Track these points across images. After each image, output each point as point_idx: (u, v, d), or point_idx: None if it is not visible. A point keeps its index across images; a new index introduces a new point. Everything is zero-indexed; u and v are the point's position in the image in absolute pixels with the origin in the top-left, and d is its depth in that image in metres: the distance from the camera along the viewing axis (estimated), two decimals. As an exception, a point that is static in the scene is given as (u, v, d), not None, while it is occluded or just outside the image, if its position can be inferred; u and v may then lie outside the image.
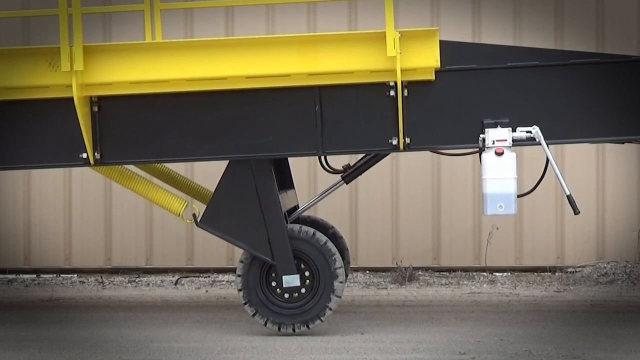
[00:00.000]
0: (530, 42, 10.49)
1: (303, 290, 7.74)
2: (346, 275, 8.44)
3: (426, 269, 10.89)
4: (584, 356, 6.94)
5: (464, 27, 10.78)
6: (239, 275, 7.79)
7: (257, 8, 10.92)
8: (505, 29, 10.77)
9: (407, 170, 10.88)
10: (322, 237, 7.78)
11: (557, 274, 10.63)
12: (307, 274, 7.75)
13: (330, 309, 7.74)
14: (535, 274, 10.68)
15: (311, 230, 7.80)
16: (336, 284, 7.72)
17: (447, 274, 10.78)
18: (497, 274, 10.74)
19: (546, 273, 10.68)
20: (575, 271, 10.65)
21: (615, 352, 7.07)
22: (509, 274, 10.77)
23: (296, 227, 7.81)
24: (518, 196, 7.41)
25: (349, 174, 8.35)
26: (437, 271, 10.87)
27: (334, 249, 7.77)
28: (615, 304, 9.14)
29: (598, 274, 10.45)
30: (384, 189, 10.94)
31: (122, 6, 9.74)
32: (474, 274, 10.77)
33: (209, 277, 10.96)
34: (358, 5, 10.92)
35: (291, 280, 7.70)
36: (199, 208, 7.88)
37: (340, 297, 7.76)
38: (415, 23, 10.33)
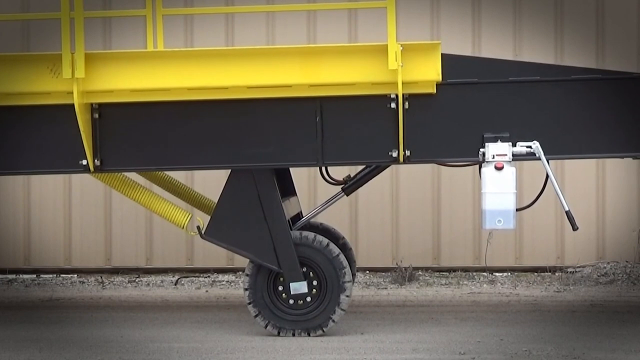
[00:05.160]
0: (530, 53, 10.47)
1: (309, 299, 7.74)
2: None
3: (426, 269, 10.90)
4: (584, 356, 6.95)
5: (463, 38, 10.75)
6: (247, 275, 7.77)
7: (257, 15, 10.90)
8: (505, 41, 10.75)
9: (408, 169, 10.86)
10: (335, 249, 7.75)
11: (557, 274, 10.64)
12: (314, 283, 7.74)
13: (334, 320, 7.73)
14: (535, 274, 10.69)
15: (325, 240, 7.77)
16: (342, 297, 7.70)
17: (447, 274, 10.79)
18: (497, 274, 10.75)
19: (546, 273, 10.68)
20: (575, 271, 10.65)
21: (615, 352, 7.08)
22: (509, 274, 10.78)
23: (310, 235, 7.78)
24: (517, 210, 7.41)
25: (349, 186, 8.30)
26: (437, 271, 10.87)
27: (345, 262, 7.74)
28: (615, 304, 9.15)
29: (598, 274, 10.45)
30: (385, 188, 10.93)
31: (124, 10, 9.72)
32: (474, 274, 10.78)
33: (209, 277, 10.96)
34: (358, 14, 10.88)
35: (299, 287, 7.70)
36: (202, 219, 7.86)
37: (344, 310, 7.74)
38: (414, 34, 10.33)
